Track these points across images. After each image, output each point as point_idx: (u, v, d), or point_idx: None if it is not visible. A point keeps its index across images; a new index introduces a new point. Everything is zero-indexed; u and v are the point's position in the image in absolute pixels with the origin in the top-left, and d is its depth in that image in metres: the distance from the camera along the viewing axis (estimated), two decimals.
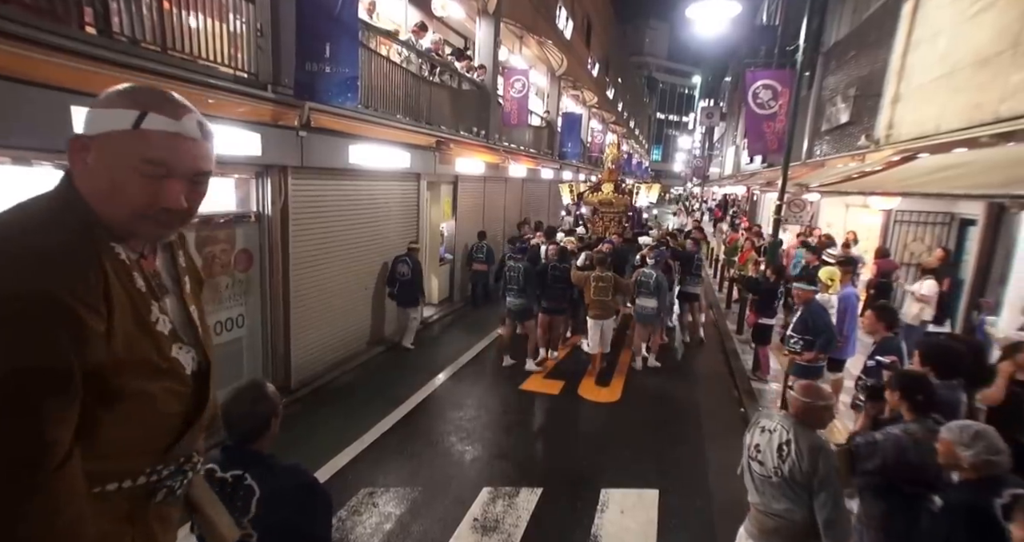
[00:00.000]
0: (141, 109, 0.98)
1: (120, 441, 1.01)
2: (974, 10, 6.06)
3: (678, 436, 5.54)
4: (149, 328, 1.04)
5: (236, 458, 1.94)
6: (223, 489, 1.88)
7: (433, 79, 8.65)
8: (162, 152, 1.00)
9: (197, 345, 1.16)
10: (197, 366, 1.15)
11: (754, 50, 19.30)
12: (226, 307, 5.20)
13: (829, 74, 12.91)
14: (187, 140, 1.03)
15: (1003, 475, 2.22)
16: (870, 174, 7.36)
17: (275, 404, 1.98)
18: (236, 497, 1.88)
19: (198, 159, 1.06)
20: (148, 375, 1.02)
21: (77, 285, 0.89)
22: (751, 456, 2.75)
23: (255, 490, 1.89)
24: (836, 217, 12.25)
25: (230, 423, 1.94)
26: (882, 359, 3.98)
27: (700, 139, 52.32)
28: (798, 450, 2.54)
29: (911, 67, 7.69)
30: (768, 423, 2.76)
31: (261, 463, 1.94)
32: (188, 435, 1.14)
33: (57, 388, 0.87)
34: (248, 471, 1.91)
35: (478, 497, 4.25)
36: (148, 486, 1.08)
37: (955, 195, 4.96)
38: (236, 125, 4.60)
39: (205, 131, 1.07)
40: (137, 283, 1.03)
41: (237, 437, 1.95)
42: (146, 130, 0.98)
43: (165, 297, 1.12)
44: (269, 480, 1.91)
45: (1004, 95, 5.23)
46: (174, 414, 1.10)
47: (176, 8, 4.10)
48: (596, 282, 6.78)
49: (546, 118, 17.17)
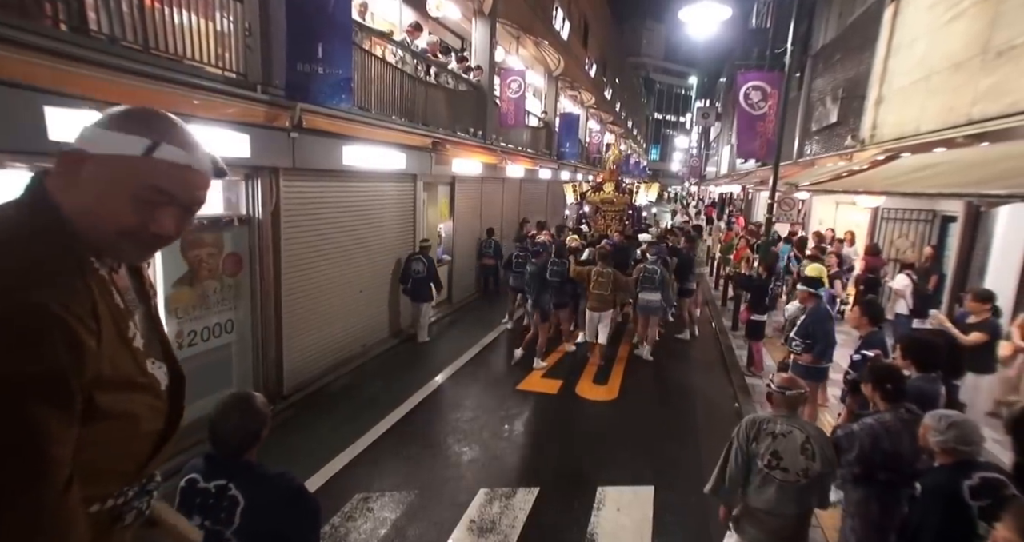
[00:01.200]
0: (155, 139, 0.97)
1: (97, 463, 0.97)
2: (948, 17, 6.30)
3: (674, 433, 5.61)
4: (129, 344, 1.01)
5: (220, 468, 1.91)
6: (205, 500, 1.86)
7: (429, 80, 8.64)
8: (169, 183, 0.99)
9: (167, 359, 1.15)
10: (169, 380, 1.13)
11: (747, 52, 19.54)
12: (215, 312, 5.08)
13: (817, 76, 13.21)
14: (196, 173, 1.03)
15: (976, 460, 2.37)
16: (857, 173, 7.59)
17: (264, 416, 1.95)
18: (219, 508, 1.85)
19: (200, 191, 1.06)
20: (131, 392, 1.00)
21: (70, 299, 0.86)
22: (770, 465, 2.73)
23: (239, 500, 1.85)
24: (827, 215, 12.52)
25: (217, 438, 1.90)
26: (867, 353, 4.10)
27: (696, 139, 52.56)
28: (820, 444, 2.66)
29: (892, 70, 7.94)
30: (776, 428, 2.75)
31: (246, 472, 1.90)
32: (162, 453, 1.13)
33: (60, 406, 0.83)
34: (233, 481, 1.87)
35: (475, 499, 4.25)
36: (115, 509, 1.05)
37: (930, 194, 5.18)
38: (224, 126, 4.51)
39: (219, 168, 1.09)
40: (115, 299, 1.01)
41: (225, 451, 1.91)
42: (157, 159, 0.97)
43: (136, 312, 1.10)
44: (254, 490, 1.87)
45: (975, 98, 5.47)
46: (154, 432, 1.08)
47: (159, 4, 3.99)
48: (596, 277, 7.14)
49: (544, 118, 17.19)
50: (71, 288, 0.88)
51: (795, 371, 5.17)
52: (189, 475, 1.94)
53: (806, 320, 5.18)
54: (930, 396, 3.21)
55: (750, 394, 6.45)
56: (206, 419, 1.93)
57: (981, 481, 2.27)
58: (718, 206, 29.37)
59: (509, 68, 13.20)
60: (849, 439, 2.89)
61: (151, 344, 1.11)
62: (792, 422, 2.75)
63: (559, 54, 16.03)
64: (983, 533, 2.18)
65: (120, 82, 3.52)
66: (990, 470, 2.34)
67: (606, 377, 7.01)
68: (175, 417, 1.15)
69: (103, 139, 0.97)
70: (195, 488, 1.90)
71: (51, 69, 3.12)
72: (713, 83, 48.12)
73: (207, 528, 1.85)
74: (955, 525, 2.27)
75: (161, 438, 1.11)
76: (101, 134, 0.98)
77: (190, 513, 1.88)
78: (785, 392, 2.83)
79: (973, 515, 2.23)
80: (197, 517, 1.87)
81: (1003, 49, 5.19)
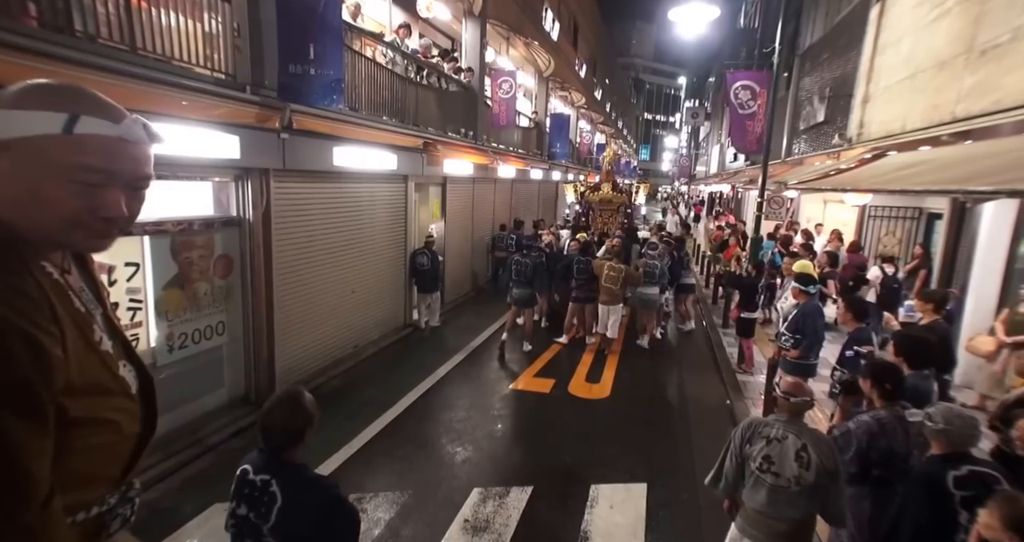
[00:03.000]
0: (71, 111, 0.87)
1: (80, 470, 0.94)
2: (932, 16, 6.39)
3: (666, 429, 5.65)
4: (95, 348, 0.96)
5: (267, 463, 1.97)
6: (252, 491, 1.93)
7: (420, 81, 8.65)
8: (102, 159, 0.89)
9: (132, 361, 1.10)
10: (139, 383, 1.09)
11: (735, 52, 19.69)
12: (205, 314, 5.06)
13: (805, 75, 13.33)
14: (129, 144, 0.93)
15: (969, 454, 2.40)
16: (845, 171, 7.69)
17: (311, 415, 2.00)
18: (261, 502, 1.91)
19: (141, 164, 0.96)
20: (104, 398, 0.96)
21: (25, 306, 0.81)
22: (761, 469, 2.71)
23: (277, 498, 1.89)
24: (815, 213, 12.64)
25: (266, 433, 1.98)
26: (860, 349, 4.15)
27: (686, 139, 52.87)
28: (819, 452, 2.59)
29: (879, 69, 8.05)
30: (772, 432, 2.72)
31: (289, 472, 1.96)
32: (140, 458, 1.10)
33: (34, 420, 0.80)
34: (275, 478, 1.92)
35: (468, 498, 4.26)
36: (100, 517, 1.02)
37: (916, 191, 5.26)
38: (213, 127, 4.48)
39: (151, 133, 0.97)
40: (75, 303, 0.95)
41: (271, 446, 1.98)
42: (82, 135, 0.87)
43: (96, 314, 1.04)
44: (292, 491, 1.91)
45: (959, 97, 5.56)
46: (133, 435, 1.05)
47: (146, 4, 3.96)
48: (609, 271, 7.60)
49: (534, 119, 17.23)
50: (22, 293, 0.82)
51: (783, 367, 5.23)
52: (244, 465, 2.01)
53: (797, 315, 5.22)
54: (923, 393, 3.25)
55: (741, 391, 6.51)
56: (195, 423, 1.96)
57: (969, 473, 2.30)
58: (703, 204, 29.61)
59: (500, 69, 13.22)
60: (846, 438, 2.89)
61: (117, 346, 1.07)
62: (790, 427, 2.69)
63: (549, 55, 16.08)
64: (964, 522, 2.22)
65: (106, 82, 3.48)
66: (982, 465, 2.37)
67: (599, 376, 7.04)
68: (150, 420, 1.12)
69: (11, 121, 0.85)
70: (245, 478, 1.97)
71: (32, 69, 3.07)
72: (702, 83, 48.39)
73: (251, 520, 1.92)
74: (935, 512, 2.31)
75: (139, 442, 1.08)
76: (6, 116, 0.86)
77: (239, 502, 1.96)
78: (789, 399, 2.76)
79: (955, 504, 2.26)
80: (244, 507, 1.95)
81: (986, 48, 5.27)
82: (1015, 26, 4.85)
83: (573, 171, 21.75)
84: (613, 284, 7.58)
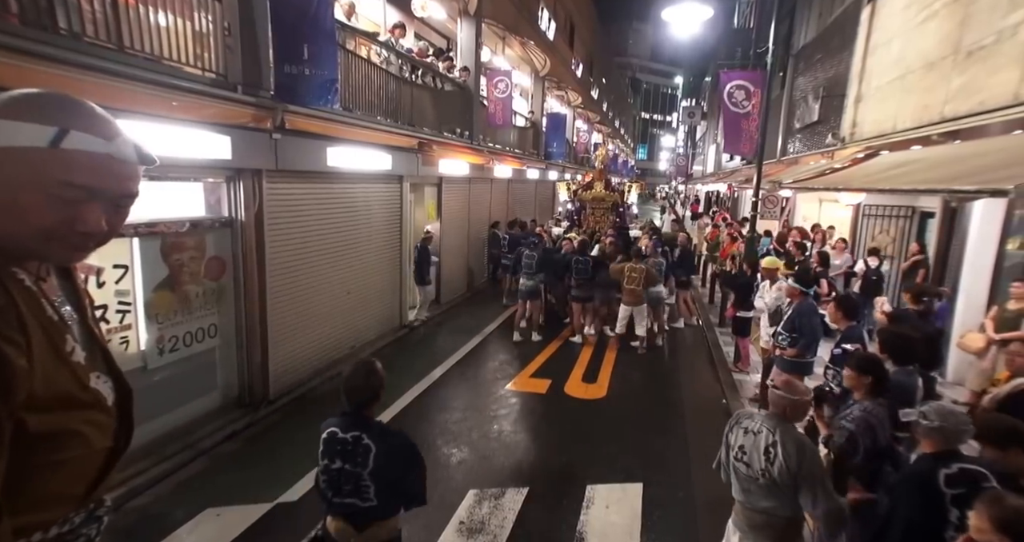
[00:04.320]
0: (62, 125, 0.85)
1: (39, 488, 0.89)
2: (921, 18, 6.43)
3: (663, 429, 5.66)
4: (66, 359, 0.93)
5: (354, 422, 2.40)
6: (344, 447, 2.35)
7: (415, 80, 8.63)
8: (87, 177, 0.87)
9: (111, 372, 1.06)
10: (116, 395, 1.04)
11: (730, 52, 19.75)
12: (197, 317, 5.02)
13: (799, 75, 13.38)
14: (118, 162, 0.91)
15: (959, 452, 2.43)
16: (838, 171, 7.72)
17: (383, 378, 2.47)
18: (356, 453, 2.34)
19: (126, 182, 0.94)
20: (71, 411, 0.92)
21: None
22: (736, 458, 2.74)
23: (372, 448, 2.33)
24: (811, 212, 12.68)
25: (351, 394, 2.39)
26: (847, 347, 4.15)
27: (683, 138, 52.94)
28: (785, 452, 2.56)
29: (870, 69, 8.08)
30: (751, 424, 2.73)
31: (374, 427, 2.41)
32: (111, 473, 1.05)
33: None
34: (365, 432, 2.36)
35: (464, 500, 4.24)
36: (60, 538, 0.97)
37: (905, 190, 5.29)
38: (204, 128, 4.44)
39: (142, 154, 0.96)
40: (47, 311, 0.92)
41: (355, 405, 2.40)
42: (69, 150, 0.85)
43: (72, 323, 1.01)
44: (381, 441, 2.36)
45: (947, 97, 5.59)
46: (103, 450, 1.00)
47: (135, 2, 3.91)
48: (630, 273, 7.73)
49: (531, 118, 17.21)
50: None
51: (780, 365, 5.25)
52: (329, 429, 2.42)
53: (792, 314, 5.23)
54: (908, 389, 3.31)
55: (737, 390, 6.52)
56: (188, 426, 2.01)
57: (959, 471, 2.33)
58: (704, 204, 29.68)
59: (496, 68, 13.22)
60: (852, 442, 2.87)
61: (93, 357, 1.02)
62: (768, 422, 2.67)
63: (545, 54, 16.07)
64: (954, 520, 2.24)
65: (93, 82, 3.45)
66: (971, 462, 2.39)
67: (595, 376, 7.04)
68: (124, 433, 1.07)
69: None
70: (335, 438, 2.38)
71: (13, 67, 3.03)
72: (699, 82, 48.44)
73: (347, 470, 2.35)
74: (927, 510, 2.33)
75: (110, 457, 1.03)
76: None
77: (333, 458, 2.37)
78: (777, 391, 2.73)
79: (946, 502, 2.29)
80: (338, 461, 2.37)
81: (972, 49, 5.31)
82: (999, 29, 4.88)
83: (570, 171, 21.76)
84: (636, 285, 7.70)
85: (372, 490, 2.35)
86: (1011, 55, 4.73)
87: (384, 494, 2.37)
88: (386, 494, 2.38)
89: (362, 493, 2.36)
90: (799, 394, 2.70)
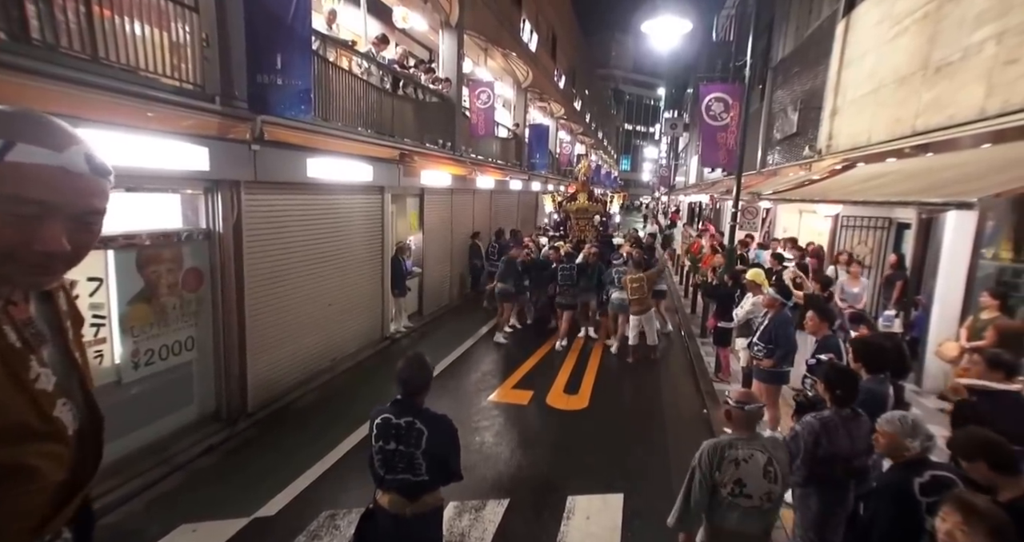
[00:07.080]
0: (6, 138, 0.82)
1: None
2: (892, 33, 6.64)
3: (644, 439, 5.67)
4: (26, 387, 0.88)
5: (406, 409, 2.72)
6: (399, 431, 2.67)
7: (396, 91, 8.63)
8: (38, 190, 0.83)
9: (84, 399, 1.01)
10: (80, 424, 0.98)
11: (711, 64, 20.14)
12: (173, 329, 4.94)
13: (778, 88, 13.66)
14: (70, 175, 0.87)
15: (929, 459, 2.50)
16: (816, 182, 7.87)
17: (431, 370, 2.82)
18: (410, 436, 2.66)
19: (86, 196, 0.90)
20: (23, 444, 0.86)
21: None
22: (733, 494, 2.65)
23: (424, 431, 2.66)
24: (791, 223, 12.86)
25: (405, 384, 2.71)
26: (822, 357, 4.24)
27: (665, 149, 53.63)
28: (781, 464, 2.61)
29: (846, 83, 8.29)
30: (738, 453, 2.67)
31: (424, 413, 2.73)
32: (69, 507, 0.98)
33: None
34: (417, 418, 2.69)
35: (443, 512, 4.30)
36: None
37: (878, 202, 5.41)
38: (181, 139, 4.41)
39: (95, 165, 0.91)
40: (9, 338, 0.88)
41: (408, 392, 2.72)
42: (14, 163, 0.81)
43: (43, 347, 0.96)
44: (432, 425, 2.69)
45: (919, 111, 5.76)
46: (54, 484, 0.94)
47: (110, 13, 3.87)
48: (631, 283, 7.79)
49: (514, 130, 17.34)
50: None
51: (757, 376, 5.29)
52: (383, 415, 2.73)
53: (769, 325, 5.28)
54: (878, 396, 3.38)
55: (718, 400, 6.55)
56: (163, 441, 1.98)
57: (932, 478, 2.38)
58: (686, 215, 30.04)
59: (478, 80, 13.29)
60: (795, 441, 3.01)
61: (66, 383, 0.97)
62: (753, 444, 2.66)
63: (527, 66, 16.22)
64: (930, 528, 2.27)
65: (68, 93, 3.41)
66: (941, 469, 2.45)
67: (577, 387, 7.04)
68: (86, 465, 1.00)
69: None
70: (389, 424, 2.69)
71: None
72: (681, 94, 49.18)
73: (402, 451, 2.67)
74: (905, 520, 2.37)
75: (66, 490, 0.96)
76: None
77: (387, 440, 2.68)
78: (744, 407, 2.71)
79: (922, 511, 2.33)
80: (393, 443, 2.68)
81: (940, 65, 5.48)
82: (965, 45, 5.05)
83: (553, 181, 21.89)
84: (640, 294, 7.77)
85: (424, 467, 2.69)
86: (976, 71, 4.90)
87: (433, 470, 2.72)
88: (434, 470, 2.73)
89: (415, 470, 2.70)
90: (755, 401, 2.82)
